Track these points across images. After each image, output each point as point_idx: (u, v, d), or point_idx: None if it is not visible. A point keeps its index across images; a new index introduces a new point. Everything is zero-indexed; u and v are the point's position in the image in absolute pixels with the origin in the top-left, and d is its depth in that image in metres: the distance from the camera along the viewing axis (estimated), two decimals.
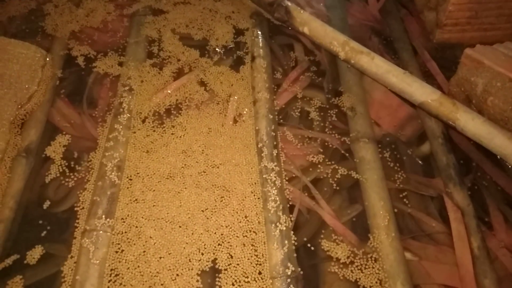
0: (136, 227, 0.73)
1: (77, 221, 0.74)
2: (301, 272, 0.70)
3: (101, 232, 0.71)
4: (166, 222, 0.73)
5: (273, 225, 0.74)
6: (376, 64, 0.92)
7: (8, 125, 0.79)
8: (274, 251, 0.71)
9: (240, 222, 0.74)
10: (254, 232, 0.74)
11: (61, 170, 0.80)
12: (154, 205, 0.75)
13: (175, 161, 0.81)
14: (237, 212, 0.75)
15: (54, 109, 0.89)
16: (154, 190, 0.77)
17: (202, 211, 0.75)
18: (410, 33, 1.14)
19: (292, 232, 0.75)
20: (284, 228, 0.74)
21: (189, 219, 0.74)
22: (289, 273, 0.69)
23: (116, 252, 0.70)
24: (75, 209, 0.75)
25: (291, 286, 0.68)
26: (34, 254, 0.70)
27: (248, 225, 0.74)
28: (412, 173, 0.86)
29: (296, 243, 0.73)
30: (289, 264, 0.70)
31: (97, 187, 0.77)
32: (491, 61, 0.84)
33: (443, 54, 1.09)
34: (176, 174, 0.79)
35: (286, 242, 0.73)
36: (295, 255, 0.72)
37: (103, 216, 0.73)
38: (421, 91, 0.87)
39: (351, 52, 0.95)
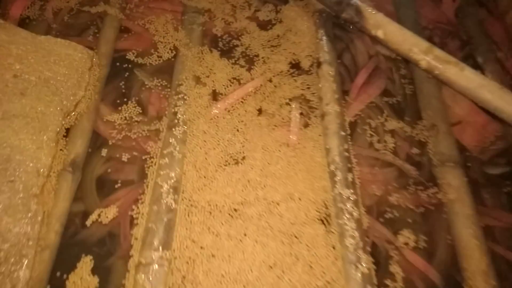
0: (192, 283, 0.62)
1: (131, 250, 0.65)
2: None
3: (157, 266, 0.62)
4: (229, 281, 0.62)
5: (353, 266, 0.64)
6: (467, 77, 0.79)
7: (55, 137, 0.71)
8: None
9: (318, 279, 0.63)
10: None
11: (109, 187, 0.72)
12: (213, 255, 0.64)
13: (233, 192, 0.70)
14: (311, 266, 0.64)
15: (99, 117, 0.81)
16: (213, 234, 0.66)
17: (271, 267, 0.63)
18: (493, 39, 1.00)
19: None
20: (367, 271, 0.64)
21: (256, 279, 0.62)
22: None
23: None
24: (129, 235, 0.67)
25: None
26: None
27: (326, 277, 0.63)
28: (496, 201, 0.75)
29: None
30: None
31: (152, 212, 0.68)
32: None
33: None
34: (236, 214, 0.68)
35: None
36: None
37: (160, 248, 0.64)
38: None
39: (436, 61, 0.82)
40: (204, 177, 0.72)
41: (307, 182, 0.72)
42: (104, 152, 0.76)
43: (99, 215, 0.69)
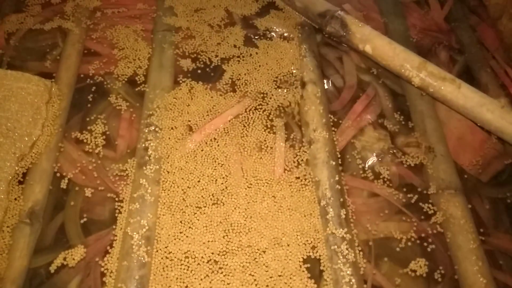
0: None
1: None
2: None
3: None
4: None
5: None
6: (464, 95, 0.73)
7: (6, 187, 0.62)
8: None
9: None
10: None
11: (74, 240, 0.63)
12: None
13: (214, 240, 0.62)
14: None
15: (62, 156, 0.72)
16: None
17: None
18: (486, 46, 0.94)
19: None
20: None
21: None
22: None
23: None
24: None
25: None
26: None
27: None
28: (498, 224, 0.70)
29: None
30: None
31: (122, 269, 0.60)
32: None
33: None
34: (217, 267, 0.60)
35: None
36: None
37: None
38: None
39: (430, 79, 0.76)
40: (181, 222, 0.64)
41: (296, 222, 0.65)
42: (68, 195, 0.68)
43: (64, 258, 0.61)
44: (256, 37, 0.89)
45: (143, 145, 0.71)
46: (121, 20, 0.91)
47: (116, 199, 0.67)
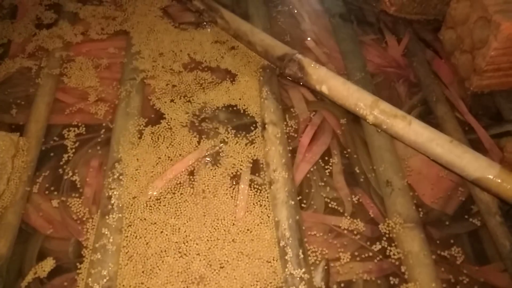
0: None
1: None
2: None
3: None
4: None
5: None
6: (415, 131, 0.77)
7: None
8: None
9: None
10: None
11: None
12: None
13: None
14: None
15: (30, 206, 0.73)
16: None
17: None
18: (441, 80, 0.99)
19: None
20: None
21: None
22: None
23: None
24: None
25: None
26: None
27: None
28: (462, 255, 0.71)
29: None
30: None
31: None
32: None
33: (481, 103, 0.95)
34: None
35: None
36: None
37: None
38: (475, 165, 0.71)
39: (382, 116, 0.79)
40: (143, 272, 0.65)
41: (256, 269, 0.66)
42: (35, 246, 0.69)
43: (35, 272, 0.65)
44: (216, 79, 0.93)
45: (107, 194, 0.73)
46: (92, 70, 0.96)
47: (81, 249, 0.68)
